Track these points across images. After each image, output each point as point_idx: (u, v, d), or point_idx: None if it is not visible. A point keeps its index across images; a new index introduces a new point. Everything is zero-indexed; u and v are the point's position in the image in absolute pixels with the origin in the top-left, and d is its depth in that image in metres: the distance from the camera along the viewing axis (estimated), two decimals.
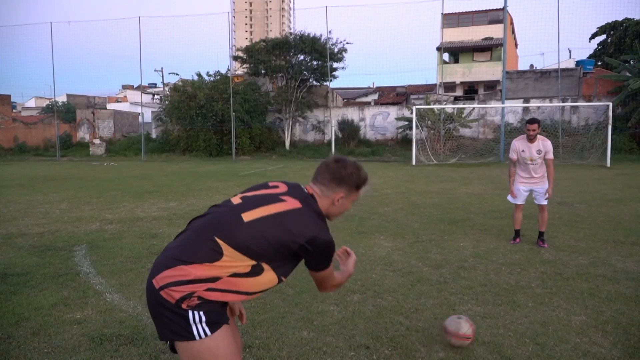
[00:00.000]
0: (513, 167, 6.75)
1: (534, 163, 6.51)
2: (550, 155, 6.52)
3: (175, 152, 28.69)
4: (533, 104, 27.19)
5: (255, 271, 1.95)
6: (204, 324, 1.87)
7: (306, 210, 2.03)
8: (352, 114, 30.46)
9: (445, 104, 27.93)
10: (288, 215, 1.99)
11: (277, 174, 16.71)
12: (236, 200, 2.10)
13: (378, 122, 30.19)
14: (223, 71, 29.47)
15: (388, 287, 4.81)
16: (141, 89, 37.60)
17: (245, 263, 1.92)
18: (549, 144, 6.50)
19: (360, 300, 4.45)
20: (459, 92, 36.89)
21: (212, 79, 29.20)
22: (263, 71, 29.26)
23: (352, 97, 42.97)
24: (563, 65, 29.70)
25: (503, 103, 24.64)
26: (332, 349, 3.49)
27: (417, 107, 24.12)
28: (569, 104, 25.77)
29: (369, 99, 42.23)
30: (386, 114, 30.04)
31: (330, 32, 35.09)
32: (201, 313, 1.87)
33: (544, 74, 29.98)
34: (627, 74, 25.95)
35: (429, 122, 25.27)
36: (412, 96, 35.61)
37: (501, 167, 19.80)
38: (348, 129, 28.90)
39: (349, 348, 3.51)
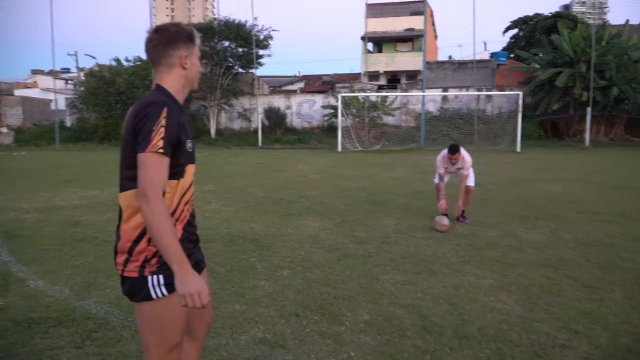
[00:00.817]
0: (442, 182, 7.25)
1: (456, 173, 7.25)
2: (467, 172, 7.07)
3: (92, 141, 27.48)
4: (451, 92, 28.49)
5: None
6: (162, 287, 1.88)
7: (143, 98, 1.91)
8: (279, 101, 30.54)
9: (369, 93, 28.63)
10: (126, 122, 1.91)
11: (203, 162, 16.55)
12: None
13: (304, 110, 30.47)
14: (144, 56, 28.47)
15: (316, 263, 5.05)
16: (53, 74, 35.62)
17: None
18: (468, 162, 7.06)
19: (290, 275, 4.66)
20: (383, 81, 37.87)
21: (131, 64, 28.22)
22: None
23: (279, 85, 42.98)
24: (479, 57, 31.33)
25: (424, 92, 25.65)
26: (264, 319, 3.68)
27: (343, 95, 24.59)
28: (483, 93, 27.29)
29: (295, 87, 42.41)
30: (312, 102, 30.37)
31: (256, 18, 34.81)
32: (160, 276, 1.88)
33: (462, 64, 31.44)
34: (537, 65, 27.81)
35: (354, 110, 25.84)
36: (337, 85, 36.16)
37: (422, 152, 20.70)
38: (275, 117, 28.94)
39: (280, 317, 3.71)
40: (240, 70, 29.91)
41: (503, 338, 3.34)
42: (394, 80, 38.25)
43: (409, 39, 38.23)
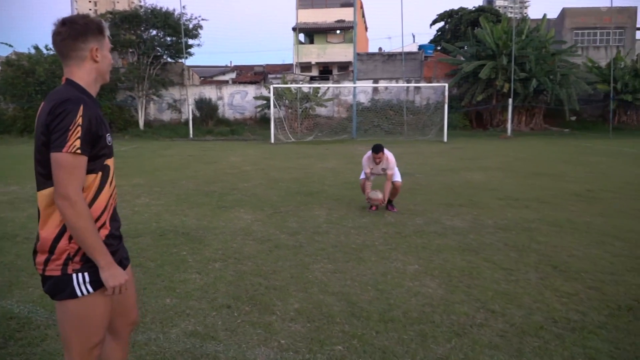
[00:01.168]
0: (368, 181, 7.38)
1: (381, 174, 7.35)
2: (390, 172, 7.15)
3: (11, 134, 25.88)
4: (381, 84, 29.10)
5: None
6: (87, 284, 1.87)
7: (53, 93, 1.87)
8: (210, 92, 30.03)
9: (301, 84, 28.72)
10: (38, 118, 1.86)
11: (131, 155, 16.06)
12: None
13: (236, 101, 30.15)
14: None
15: (248, 254, 5.08)
16: None
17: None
18: (392, 162, 7.15)
19: (222, 268, 4.67)
20: (315, 72, 38.06)
21: (52, 52, 26.78)
22: (111, 46, 27.43)
23: (210, 76, 42.19)
24: (407, 49, 32.11)
25: (355, 83, 26.04)
26: (195, 311, 3.68)
27: (275, 86, 24.54)
28: (412, 84, 28.10)
29: (227, 77, 41.78)
30: (244, 93, 30.10)
31: (184, 7, 34.12)
32: (85, 274, 1.86)
33: (391, 56, 32.15)
34: (462, 58, 28.93)
35: (287, 101, 25.86)
36: (270, 75, 35.97)
37: (354, 143, 21.06)
38: (206, 108, 28.43)
39: (211, 309, 3.73)
40: (170, 60, 29.14)
41: (426, 320, 3.53)
42: (326, 71, 38.54)
43: (340, 30, 38.57)
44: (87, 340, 1.93)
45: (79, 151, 1.75)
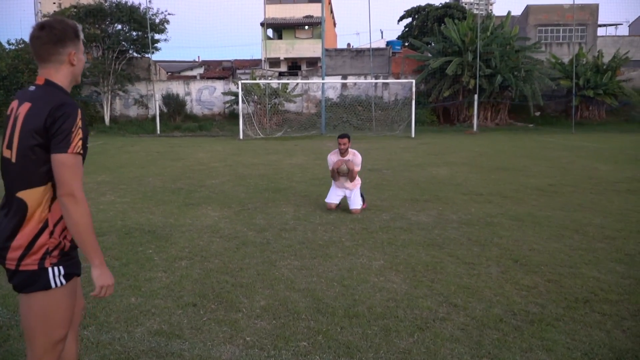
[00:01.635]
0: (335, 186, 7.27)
1: (345, 175, 7.05)
2: (357, 168, 7.07)
3: None
4: (350, 80, 29.23)
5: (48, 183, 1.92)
6: (62, 277, 1.95)
7: (40, 96, 1.93)
8: (178, 88, 29.64)
9: (270, 79, 28.61)
10: (27, 118, 1.90)
11: (96, 151, 15.75)
12: (5, 153, 2.00)
13: (205, 96, 29.85)
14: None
15: (215, 252, 5.07)
16: None
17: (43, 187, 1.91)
18: (358, 159, 7.11)
19: (188, 266, 4.65)
20: (284, 68, 37.95)
21: (14, 47, 26.05)
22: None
23: (177, 71, 41.66)
24: (375, 45, 32.31)
25: (323, 79, 26.09)
26: (161, 310, 3.67)
27: (243, 81, 24.39)
28: (380, 80, 28.34)
29: (195, 72, 41.32)
30: (213, 89, 29.82)
31: (150, 1, 33.41)
32: (61, 267, 1.94)
33: (359, 52, 32.30)
34: (429, 54, 29.27)
35: (256, 97, 25.73)
36: (238, 71, 35.76)
37: (322, 139, 21.13)
38: (173, 104, 28.07)
39: (177, 307, 3.72)
40: (135, 54, 28.65)
41: (390, 315, 3.60)
42: (294, 67, 38.47)
43: (309, 25, 38.54)
44: (52, 334, 1.98)
45: (81, 151, 1.89)
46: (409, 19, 47.90)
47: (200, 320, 3.50)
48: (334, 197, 7.23)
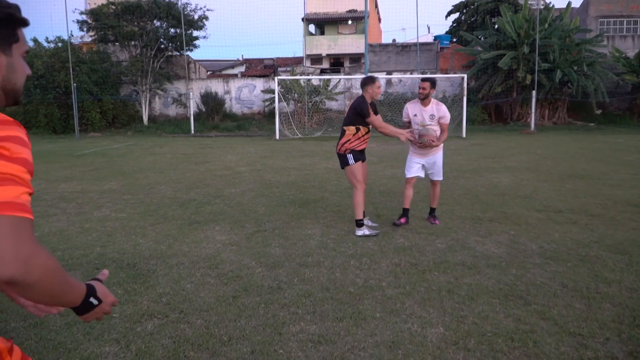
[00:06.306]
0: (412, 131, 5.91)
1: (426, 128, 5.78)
2: (446, 121, 5.86)
3: None
4: (395, 76, 27.47)
5: None
6: None
7: None
8: (217, 86, 28.67)
9: (310, 76, 27.21)
10: None
11: (120, 153, 14.71)
12: None
13: (244, 95, 28.78)
14: (66, 37, 25.88)
15: (201, 304, 3.62)
16: None
17: None
18: (443, 109, 5.84)
19: (155, 330, 3.20)
20: (326, 65, 36.54)
21: (52, 45, 25.60)
22: (112, 38, 26.24)
23: (219, 69, 40.86)
24: (422, 40, 30.43)
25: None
26: None
27: (281, 78, 23.07)
28: (428, 76, 26.37)
29: (236, 71, 40.42)
30: (252, 87, 28.70)
31: None
32: None
33: (405, 47, 30.49)
34: (479, 48, 27.15)
35: (296, 94, 24.42)
36: (280, 69, 34.56)
37: None
38: (212, 102, 27.10)
39: None
40: (175, 52, 27.86)
41: None
42: (337, 63, 36.96)
43: (352, 20, 36.93)
44: None
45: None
46: (457, 14, 45.51)
47: None
48: (416, 168, 5.97)
